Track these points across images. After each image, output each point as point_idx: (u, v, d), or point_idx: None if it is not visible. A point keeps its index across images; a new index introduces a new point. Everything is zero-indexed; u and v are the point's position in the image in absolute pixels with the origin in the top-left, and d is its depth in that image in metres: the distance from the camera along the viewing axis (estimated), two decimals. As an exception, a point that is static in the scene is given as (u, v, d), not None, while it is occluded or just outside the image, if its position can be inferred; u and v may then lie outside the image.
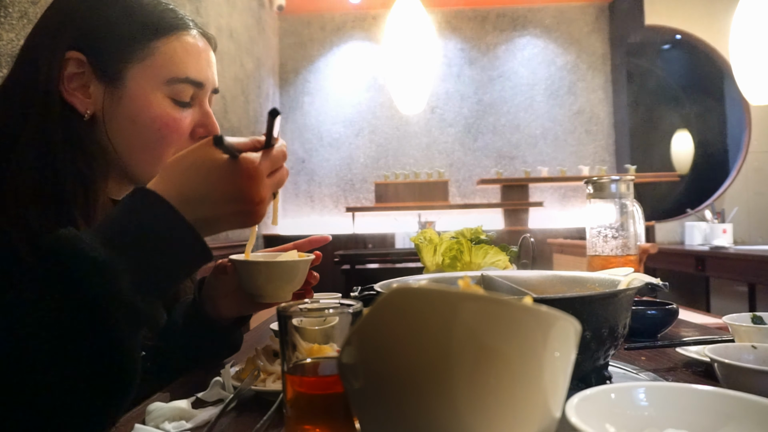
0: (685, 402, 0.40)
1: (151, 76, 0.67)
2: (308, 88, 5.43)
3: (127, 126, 0.68)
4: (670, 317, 0.94)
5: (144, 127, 0.68)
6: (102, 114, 0.67)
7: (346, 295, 0.60)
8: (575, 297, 0.57)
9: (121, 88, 0.67)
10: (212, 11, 3.40)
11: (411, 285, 0.33)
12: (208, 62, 0.73)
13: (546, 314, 0.33)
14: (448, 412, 0.33)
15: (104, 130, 0.67)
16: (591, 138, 5.38)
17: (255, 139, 0.55)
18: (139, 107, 0.67)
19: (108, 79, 0.67)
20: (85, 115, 0.66)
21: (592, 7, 5.41)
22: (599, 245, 1.18)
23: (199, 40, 0.72)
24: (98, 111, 0.67)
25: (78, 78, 0.66)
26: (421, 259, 1.08)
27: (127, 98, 0.67)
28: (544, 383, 0.35)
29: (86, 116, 0.66)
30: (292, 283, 0.72)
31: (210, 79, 0.73)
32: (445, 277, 0.77)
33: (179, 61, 0.69)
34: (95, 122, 0.67)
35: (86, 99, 0.66)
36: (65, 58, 0.65)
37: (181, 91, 0.69)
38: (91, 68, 0.66)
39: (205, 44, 0.74)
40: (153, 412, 0.59)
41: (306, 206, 5.37)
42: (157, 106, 0.68)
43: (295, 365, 0.46)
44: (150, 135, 0.68)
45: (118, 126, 0.68)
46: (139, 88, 0.67)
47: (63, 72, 0.65)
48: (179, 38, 0.69)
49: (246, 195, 0.53)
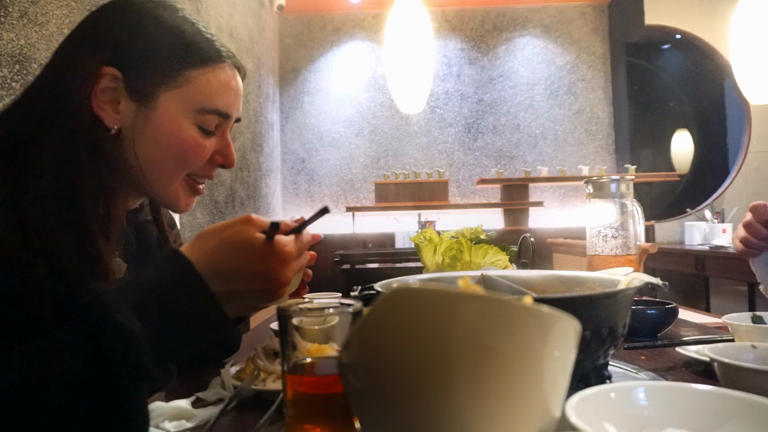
0: (685, 401, 0.40)
1: (183, 103, 0.68)
2: (308, 88, 5.43)
3: (151, 145, 0.68)
4: (669, 317, 0.94)
5: (168, 149, 0.69)
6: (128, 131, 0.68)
7: (346, 295, 0.60)
8: (575, 297, 0.57)
9: (151, 109, 0.68)
10: (212, 11, 3.40)
11: (411, 285, 0.34)
12: (237, 95, 0.74)
13: (546, 314, 0.33)
14: (448, 412, 0.33)
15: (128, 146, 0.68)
16: (591, 138, 5.38)
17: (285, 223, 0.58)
18: (166, 130, 0.68)
19: (140, 98, 0.67)
20: (111, 130, 0.67)
21: (592, 7, 5.41)
22: (599, 245, 1.18)
23: (231, 71, 0.73)
24: (125, 127, 0.68)
25: (110, 93, 0.67)
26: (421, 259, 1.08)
27: (156, 119, 0.68)
28: (544, 383, 0.35)
29: (113, 131, 0.67)
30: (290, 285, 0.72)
31: (236, 111, 0.75)
32: (445, 277, 0.77)
33: (211, 93, 0.70)
34: (120, 138, 0.68)
35: (115, 114, 0.67)
36: (101, 72, 0.65)
37: (208, 120, 0.70)
38: (125, 86, 0.67)
39: (236, 75, 0.75)
40: (153, 411, 0.59)
41: (306, 206, 5.37)
42: (184, 132, 0.69)
43: (295, 365, 0.46)
44: (172, 157, 0.69)
45: (143, 144, 0.68)
46: (168, 112, 0.68)
47: (96, 85, 0.65)
48: (214, 70, 0.70)
49: (274, 276, 0.55)
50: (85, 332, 0.47)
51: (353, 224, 5.15)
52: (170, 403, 0.60)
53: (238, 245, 0.54)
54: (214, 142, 0.72)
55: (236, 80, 0.74)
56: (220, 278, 0.53)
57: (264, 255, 0.54)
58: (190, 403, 0.61)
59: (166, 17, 0.69)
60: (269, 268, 0.54)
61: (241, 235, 0.54)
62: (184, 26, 0.70)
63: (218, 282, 0.52)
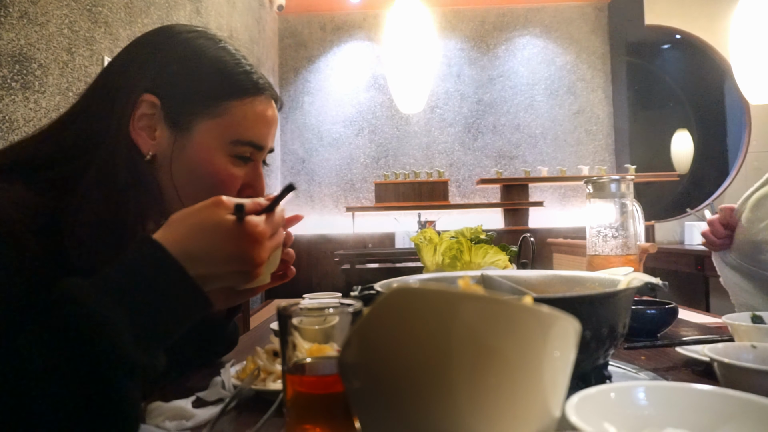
0: (685, 401, 0.40)
1: (219, 134, 0.69)
2: (308, 88, 5.43)
3: (184, 173, 0.69)
4: (669, 317, 0.94)
5: (200, 178, 0.69)
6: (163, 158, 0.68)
7: (346, 295, 0.60)
8: (575, 297, 0.57)
9: (187, 137, 0.68)
10: (212, 11, 3.40)
11: (411, 285, 0.34)
12: (272, 126, 0.74)
13: (546, 314, 0.33)
14: (448, 412, 0.33)
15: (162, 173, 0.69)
16: (591, 138, 5.38)
17: (256, 202, 0.57)
18: (200, 159, 0.68)
19: (176, 126, 0.68)
20: (147, 156, 0.67)
21: (592, 7, 5.41)
22: (599, 245, 1.18)
23: (268, 103, 0.74)
24: (160, 154, 0.68)
25: (147, 119, 0.67)
26: (421, 259, 1.08)
27: (191, 148, 0.68)
28: (544, 383, 0.35)
29: (148, 156, 0.67)
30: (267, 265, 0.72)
31: (270, 143, 0.75)
32: (445, 277, 0.77)
33: (248, 126, 0.70)
34: (155, 164, 0.68)
35: (151, 141, 0.67)
36: (141, 99, 0.66)
37: (242, 151, 0.70)
38: (163, 113, 0.67)
39: (273, 108, 0.75)
40: (153, 411, 0.59)
41: (306, 206, 5.37)
42: (218, 162, 0.69)
43: (295, 365, 0.46)
44: (204, 186, 0.69)
45: (176, 172, 0.69)
46: (204, 142, 0.68)
47: (135, 111, 0.66)
48: (252, 103, 0.71)
49: (248, 257, 0.55)
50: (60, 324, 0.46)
51: (353, 224, 5.15)
52: (170, 403, 0.60)
53: (209, 228, 0.54)
54: (245, 172, 0.72)
55: (273, 111, 0.74)
56: (194, 262, 0.52)
57: (236, 237, 0.54)
58: (190, 403, 0.61)
59: (207, 47, 0.70)
60: (242, 250, 0.54)
61: (212, 218, 0.54)
62: (224, 57, 0.70)
63: (192, 266, 0.52)
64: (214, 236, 0.54)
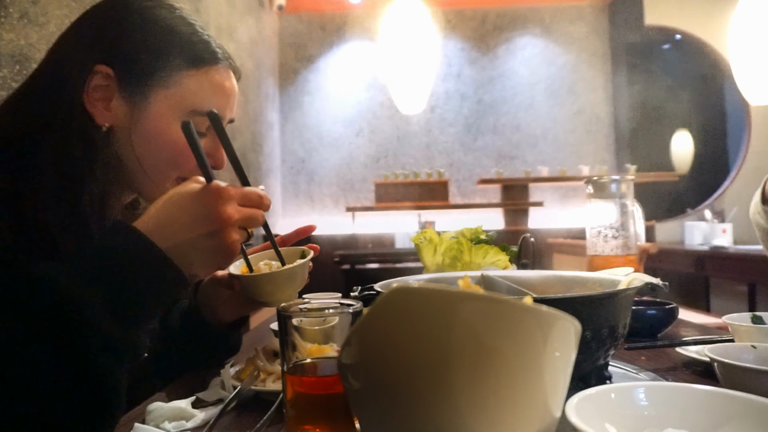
0: (685, 402, 0.40)
1: (175, 104, 0.68)
2: (308, 88, 5.43)
3: (142, 144, 0.68)
4: (670, 317, 0.94)
5: (158, 149, 0.69)
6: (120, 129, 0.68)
7: (346, 295, 0.60)
8: (575, 297, 0.57)
9: (142, 108, 0.68)
10: (212, 11, 3.40)
11: (411, 285, 0.33)
12: (231, 97, 0.74)
13: (546, 314, 0.33)
14: (448, 412, 0.33)
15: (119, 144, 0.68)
16: (591, 138, 5.38)
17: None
18: (158, 129, 0.68)
19: (131, 97, 0.67)
20: (102, 127, 0.67)
21: (592, 7, 5.41)
22: (599, 245, 1.18)
23: (226, 74, 0.73)
24: (116, 125, 0.68)
25: (102, 90, 0.66)
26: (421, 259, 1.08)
27: (147, 119, 0.68)
28: (544, 383, 0.35)
29: (104, 128, 0.67)
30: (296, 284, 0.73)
31: (228, 114, 0.75)
32: (445, 277, 0.77)
33: (204, 96, 0.70)
34: (112, 136, 0.68)
35: (106, 112, 0.67)
36: (94, 70, 0.65)
37: (199, 122, 0.70)
38: (117, 84, 0.67)
39: (231, 78, 0.74)
40: (153, 411, 0.59)
41: (306, 206, 5.37)
42: (175, 132, 0.68)
43: (295, 365, 0.46)
44: (162, 157, 0.69)
45: (136, 142, 0.68)
46: (160, 112, 0.68)
47: (89, 83, 0.66)
48: (208, 73, 0.70)
49: (214, 214, 0.55)
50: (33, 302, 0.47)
51: (353, 224, 5.15)
52: (170, 404, 0.60)
53: (176, 196, 0.56)
54: (204, 143, 0.72)
55: (231, 82, 0.74)
56: (164, 231, 0.53)
57: (200, 196, 0.55)
58: (190, 404, 0.61)
59: (162, 17, 0.69)
60: (207, 207, 0.55)
61: (180, 189, 0.56)
62: (180, 26, 0.69)
63: (163, 236, 0.53)
64: (180, 201, 0.55)
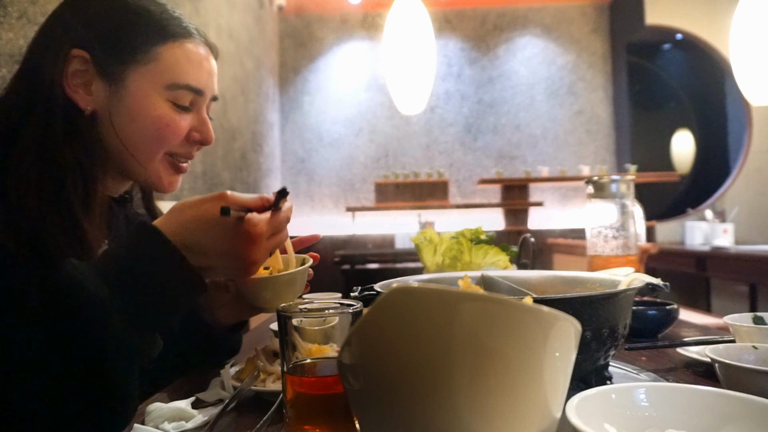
0: (686, 402, 0.40)
1: (153, 80, 0.69)
2: (308, 88, 5.43)
3: (126, 124, 0.69)
4: (670, 317, 0.94)
5: (143, 127, 0.69)
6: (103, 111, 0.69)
7: (346, 295, 0.60)
8: (575, 297, 0.56)
9: (122, 88, 0.68)
10: (212, 11, 3.40)
11: (411, 285, 0.33)
12: (209, 71, 0.75)
13: (546, 314, 0.33)
14: (448, 412, 0.33)
15: (104, 127, 0.69)
16: (591, 138, 5.38)
17: (263, 198, 0.57)
18: (139, 108, 0.69)
19: (110, 78, 0.68)
20: (85, 111, 0.67)
21: (592, 7, 5.41)
22: (599, 245, 1.18)
23: (202, 48, 0.74)
24: (99, 108, 0.69)
25: (81, 75, 0.67)
26: (421, 259, 1.08)
27: (128, 98, 0.69)
28: (544, 383, 0.35)
29: (86, 112, 0.68)
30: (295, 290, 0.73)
31: (209, 88, 0.75)
32: (445, 278, 0.77)
33: (180, 69, 0.70)
34: (96, 119, 0.69)
35: (87, 96, 0.68)
36: (70, 55, 0.66)
37: (180, 96, 0.71)
38: (95, 67, 0.68)
39: (207, 53, 0.75)
40: (153, 412, 0.59)
41: (306, 206, 5.37)
42: (157, 108, 0.69)
43: (295, 365, 0.46)
44: (148, 134, 0.70)
45: (118, 124, 0.69)
46: (140, 90, 0.69)
47: (67, 68, 0.66)
48: (182, 46, 0.71)
49: (242, 255, 0.55)
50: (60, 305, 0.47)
51: (353, 224, 5.15)
52: (170, 404, 0.60)
53: (208, 223, 0.54)
54: (189, 119, 0.73)
55: (208, 58, 0.75)
56: (189, 253, 0.53)
57: (233, 234, 0.54)
58: (190, 404, 0.61)
59: None
60: (237, 248, 0.54)
61: (212, 212, 0.54)
62: (150, 6, 0.71)
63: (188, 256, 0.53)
64: (213, 231, 0.54)
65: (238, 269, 0.56)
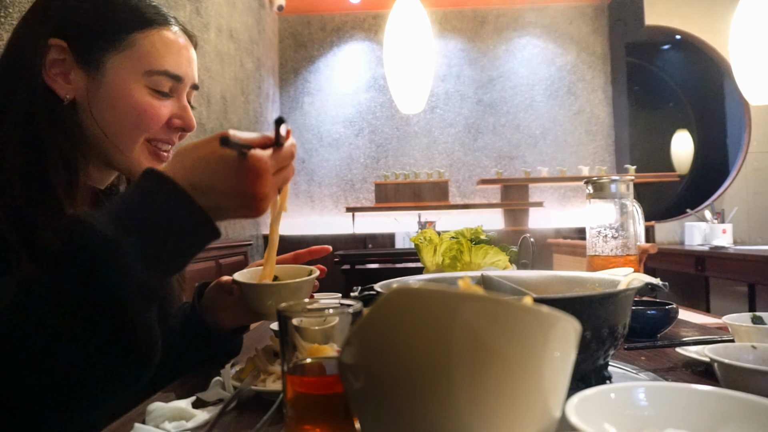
0: (685, 402, 0.40)
1: (131, 67, 0.70)
2: (308, 88, 5.43)
3: (106, 112, 0.70)
4: (669, 317, 0.94)
5: (122, 114, 0.70)
6: (83, 99, 0.69)
7: (346, 295, 0.60)
8: (575, 297, 0.57)
9: (101, 75, 0.69)
10: (212, 11, 3.40)
11: (411, 285, 0.33)
12: (187, 59, 0.75)
13: (546, 314, 0.33)
14: (448, 412, 0.33)
15: (85, 115, 0.70)
16: (591, 138, 5.38)
17: (265, 136, 0.57)
18: (118, 94, 0.69)
19: (88, 66, 0.69)
20: (65, 100, 0.68)
21: (592, 7, 5.41)
22: (599, 245, 1.18)
23: (180, 36, 0.74)
24: (79, 96, 0.69)
25: (59, 64, 0.68)
26: (421, 259, 1.08)
27: (107, 85, 0.69)
28: (544, 383, 0.35)
29: (66, 101, 0.68)
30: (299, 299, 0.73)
31: (189, 75, 0.75)
32: (445, 277, 0.77)
33: (158, 55, 0.71)
34: (76, 107, 0.69)
35: (67, 84, 0.68)
36: (48, 44, 0.67)
37: (159, 82, 0.71)
38: (72, 55, 0.68)
39: (186, 41, 0.76)
40: (153, 411, 0.59)
41: (306, 206, 5.37)
42: (136, 94, 0.70)
43: (295, 365, 0.46)
44: (128, 121, 0.70)
45: (98, 111, 0.70)
46: (118, 77, 0.69)
47: (45, 58, 0.67)
48: (159, 33, 0.72)
49: (250, 191, 0.55)
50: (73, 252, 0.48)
51: (353, 224, 5.15)
52: (170, 404, 0.60)
53: (213, 162, 0.54)
54: (169, 106, 0.73)
55: (184, 41, 0.75)
56: (198, 193, 0.53)
57: (238, 171, 0.54)
58: (190, 404, 0.61)
59: None
60: (245, 184, 0.54)
61: (215, 151, 0.54)
62: None
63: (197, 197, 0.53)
64: (218, 169, 0.54)
65: (248, 206, 0.56)
